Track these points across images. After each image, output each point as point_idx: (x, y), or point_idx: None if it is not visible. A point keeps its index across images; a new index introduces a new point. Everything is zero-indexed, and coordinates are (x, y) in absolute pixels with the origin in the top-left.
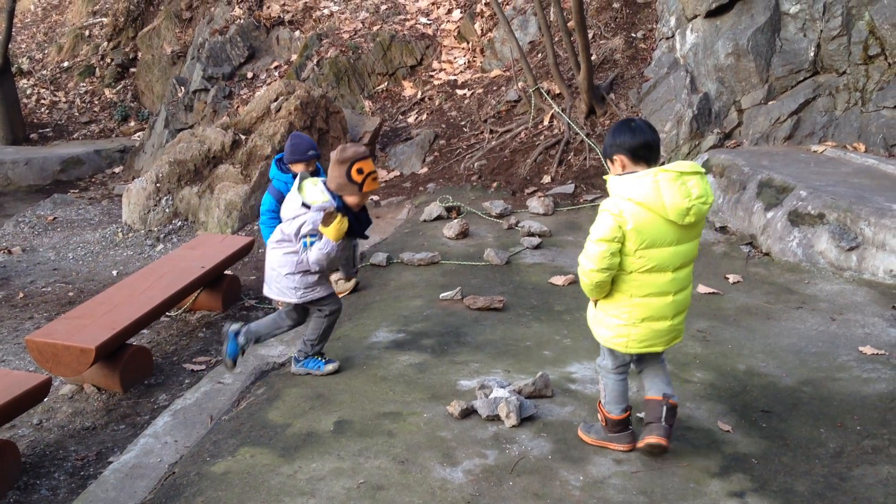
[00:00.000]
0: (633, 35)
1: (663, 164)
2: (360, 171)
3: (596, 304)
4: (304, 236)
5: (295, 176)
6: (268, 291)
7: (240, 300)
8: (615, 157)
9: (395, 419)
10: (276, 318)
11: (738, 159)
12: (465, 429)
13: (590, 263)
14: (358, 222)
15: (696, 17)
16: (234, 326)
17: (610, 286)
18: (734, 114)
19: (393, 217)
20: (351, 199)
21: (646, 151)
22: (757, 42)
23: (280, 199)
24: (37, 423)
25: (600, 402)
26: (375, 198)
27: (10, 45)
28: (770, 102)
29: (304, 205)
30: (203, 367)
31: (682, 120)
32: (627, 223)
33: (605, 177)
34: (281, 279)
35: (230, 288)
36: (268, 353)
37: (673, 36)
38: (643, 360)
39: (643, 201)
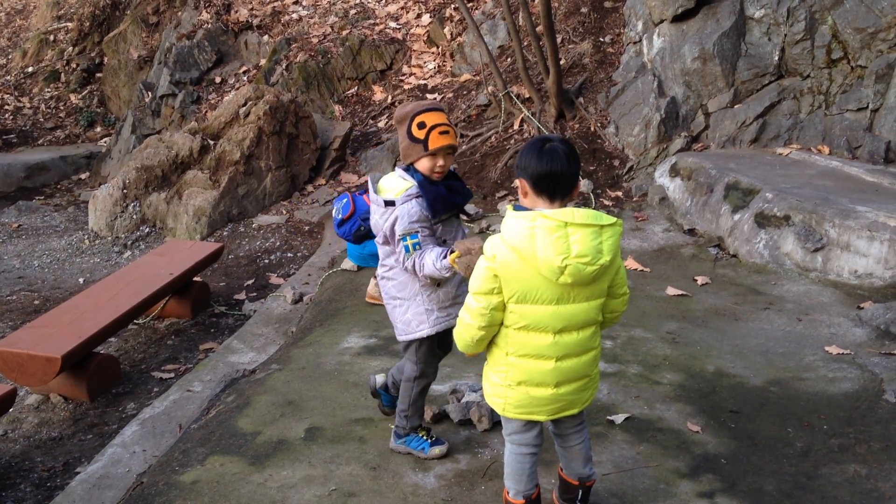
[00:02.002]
0: (602, 39)
1: (582, 203)
2: (421, 126)
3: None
4: (403, 237)
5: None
6: (401, 335)
7: (209, 307)
8: (518, 181)
9: (367, 425)
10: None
11: (705, 162)
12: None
13: (469, 318)
14: (451, 191)
15: (662, 21)
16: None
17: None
18: (701, 117)
19: None
20: (423, 165)
21: (550, 183)
22: (723, 46)
23: None
24: (1, 433)
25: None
26: None
27: None
28: (736, 106)
29: (388, 202)
30: (172, 375)
31: (650, 123)
32: (498, 270)
33: (508, 205)
34: (407, 308)
35: (199, 295)
36: (238, 361)
37: (640, 40)
38: (559, 425)
39: (517, 247)
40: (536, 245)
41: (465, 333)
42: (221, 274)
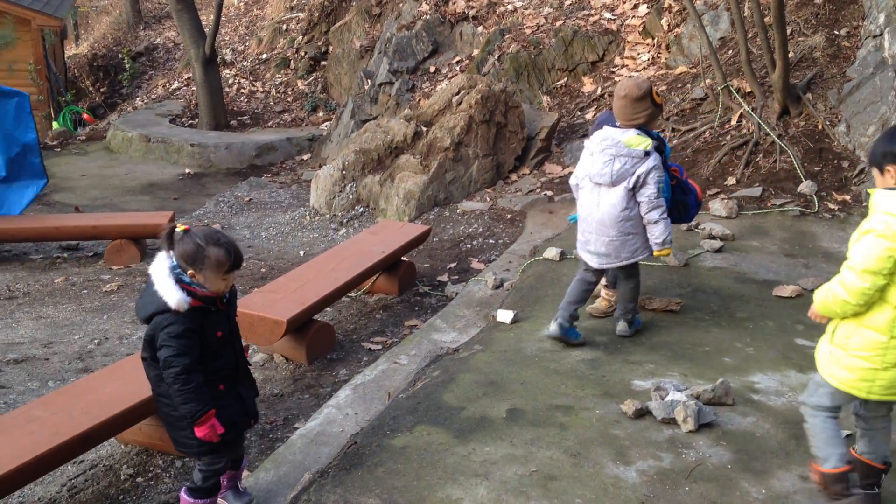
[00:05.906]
0: (836, 32)
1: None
2: (658, 94)
3: (833, 340)
4: (658, 178)
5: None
6: (626, 260)
7: (414, 286)
8: (889, 168)
9: (567, 412)
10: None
11: None
12: (638, 429)
13: (846, 295)
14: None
15: None
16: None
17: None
18: None
19: (567, 213)
20: (656, 124)
21: None
22: None
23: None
24: None
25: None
26: (549, 192)
27: (216, 38)
28: None
29: (647, 152)
30: (380, 346)
31: (887, 123)
32: None
33: (869, 189)
34: (636, 239)
35: (406, 274)
36: (440, 339)
37: (881, 34)
38: (878, 406)
39: None
40: None
41: (836, 307)
42: (426, 255)
